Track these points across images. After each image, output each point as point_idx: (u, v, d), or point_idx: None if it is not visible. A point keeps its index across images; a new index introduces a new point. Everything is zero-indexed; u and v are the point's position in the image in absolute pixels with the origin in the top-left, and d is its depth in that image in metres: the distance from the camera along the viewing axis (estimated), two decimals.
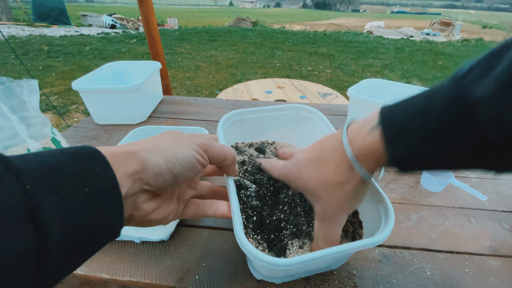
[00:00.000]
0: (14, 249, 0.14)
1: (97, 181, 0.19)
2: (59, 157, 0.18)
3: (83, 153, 0.19)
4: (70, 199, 0.17)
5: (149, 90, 0.96)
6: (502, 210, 0.59)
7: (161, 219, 0.27)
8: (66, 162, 0.18)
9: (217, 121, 0.93)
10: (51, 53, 5.18)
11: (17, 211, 0.14)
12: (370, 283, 0.43)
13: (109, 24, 8.91)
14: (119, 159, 0.21)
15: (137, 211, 0.23)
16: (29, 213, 0.15)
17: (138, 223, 0.25)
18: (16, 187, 0.15)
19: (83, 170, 0.18)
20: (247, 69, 4.83)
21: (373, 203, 0.37)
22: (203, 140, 0.28)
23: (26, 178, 0.15)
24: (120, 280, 0.44)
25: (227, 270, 0.44)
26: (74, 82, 0.83)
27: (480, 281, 0.44)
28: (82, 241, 0.18)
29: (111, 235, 0.21)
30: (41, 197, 0.16)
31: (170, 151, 0.25)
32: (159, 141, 0.26)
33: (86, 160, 0.19)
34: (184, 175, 0.26)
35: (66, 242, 0.16)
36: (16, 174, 0.15)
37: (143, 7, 1.21)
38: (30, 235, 0.15)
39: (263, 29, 10.27)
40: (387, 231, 0.31)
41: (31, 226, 0.15)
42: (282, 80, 2.90)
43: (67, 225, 0.16)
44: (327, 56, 5.96)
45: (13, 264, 0.14)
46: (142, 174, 0.22)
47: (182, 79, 4.21)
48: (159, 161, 0.24)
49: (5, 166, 0.15)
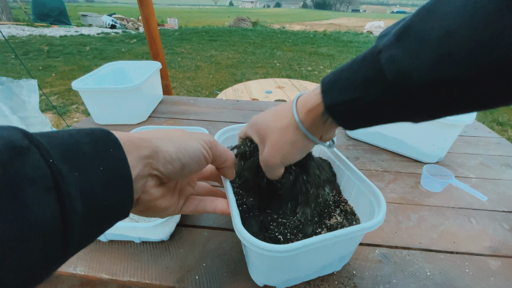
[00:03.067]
0: (45, 215, 0.15)
1: (111, 161, 0.20)
2: (77, 136, 0.19)
3: (98, 134, 0.20)
4: (88, 176, 0.18)
5: (149, 90, 0.96)
6: (502, 210, 0.59)
7: (164, 208, 0.28)
8: (83, 141, 0.19)
9: (217, 121, 0.93)
10: (51, 53, 5.18)
11: (44, 181, 0.15)
12: (370, 283, 0.43)
13: (109, 24, 8.91)
14: (132, 143, 0.23)
15: (145, 195, 0.25)
16: (53, 185, 0.16)
17: (144, 208, 0.26)
18: (41, 160, 0.16)
19: (98, 149, 0.19)
20: (247, 69, 4.82)
21: (366, 197, 0.39)
22: (210, 139, 0.31)
23: (48, 153, 0.16)
24: (120, 280, 0.44)
25: (227, 270, 0.44)
26: (74, 82, 0.83)
27: (480, 281, 0.44)
28: (98, 216, 0.19)
29: (122, 214, 0.22)
30: (62, 171, 0.16)
31: (181, 142, 0.27)
32: (171, 132, 0.28)
33: (101, 140, 0.20)
34: (190, 167, 0.28)
35: (85, 214, 0.17)
36: (40, 149, 0.16)
37: (143, 7, 1.21)
38: (57, 203, 0.16)
39: (263, 29, 10.28)
40: (382, 214, 0.34)
41: (55, 196, 0.16)
42: (282, 80, 2.90)
43: (86, 199, 0.18)
44: (327, 56, 5.96)
45: (44, 228, 0.15)
46: (153, 159, 0.24)
47: (182, 79, 4.21)
48: (170, 149, 0.26)
49: (29, 140, 0.16)
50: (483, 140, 0.86)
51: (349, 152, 0.78)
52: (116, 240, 0.50)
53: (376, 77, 0.23)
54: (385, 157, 0.76)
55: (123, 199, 0.21)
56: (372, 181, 0.58)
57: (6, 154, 0.14)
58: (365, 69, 0.24)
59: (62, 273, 0.45)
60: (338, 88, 0.26)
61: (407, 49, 0.21)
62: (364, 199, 0.40)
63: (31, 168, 0.15)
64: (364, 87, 0.24)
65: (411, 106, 0.23)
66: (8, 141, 0.15)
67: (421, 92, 0.21)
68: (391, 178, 0.68)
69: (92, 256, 0.47)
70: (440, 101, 0.21)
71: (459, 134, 0.75)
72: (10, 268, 0.14)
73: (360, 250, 0.48)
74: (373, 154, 0.77)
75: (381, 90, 0.23)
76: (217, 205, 0.34)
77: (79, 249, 0.19)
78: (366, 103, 0.24)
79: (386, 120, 0.26)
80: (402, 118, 0.25)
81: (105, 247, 0.48)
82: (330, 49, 6.75)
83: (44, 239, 0.15)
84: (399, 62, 0.21)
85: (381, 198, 0.37)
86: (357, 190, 0.42)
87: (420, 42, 0.20)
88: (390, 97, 0.23)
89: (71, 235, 0.17)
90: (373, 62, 0.23)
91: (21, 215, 0.14)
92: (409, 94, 0.22)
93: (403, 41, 0.21)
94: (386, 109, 0.24)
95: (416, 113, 0.24)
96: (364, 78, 0.24)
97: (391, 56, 0.22)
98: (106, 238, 0.49)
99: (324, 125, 0.29)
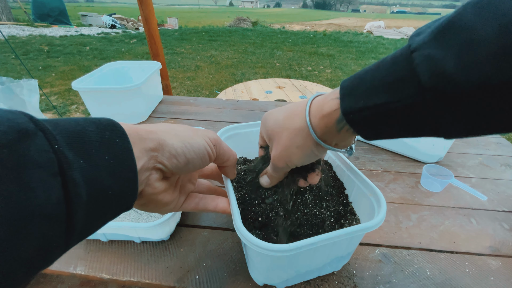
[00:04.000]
0: (49, 199, 0.15)
1: (116, 151, 0.20)
2: (83, 124, 0.19)
3: (104, 123, 0.20)
4: (94, 163, 0.18)
5: (149, 90, 0.96)
6: (502, 210, 0.59)
7: (165, 203, 0.28)
8: (90, 128, 0.19)
9: (217, 121, 0.93)
10: (51, 53, 5.18)
11: (49, 166, 0.15)
12: (370, 283, 0.43)
13: (109, 24, 8.90)
14: (138, 135, 0.22)
15: (148, 188, 0.25)
16: (58, 170, 0.15)
17: (146, 201, 0.26)
18: (46, 144, 0.15)
19: (105, 138, 0.19)
20: (247, 69, 4.82)
21: (367, 197, 0.39)
22: (215, 136, 0.31)
23: (54, 138, 0.16)
24: (120, 280, 0.44)
25: (227, 270, 0.44)
26: (74, 82, 0.83)
27: (480, 281, 0.44)
28: (102, 205, 0.19)
29: (125, 205, 0.21)
30: (68, 157, 0.16)
31: (186, 137, 0.27)
32: (177, 127, 0.28)
33: (107, 129, 0.20)
34: (194, 163, 0.27)
35: (89, 202, 0.17)
36: (46, 133, 0.16)
37: (143, 7, 1.21)
38: (61, 189, 0.15)
39: (263, 29, 10.27)
40: (382, 214, 0.34)
41: (60, 181, 0.15)
42: (282, 80, 2.90)
43: (90, 187, 0.17)
44: (327, 56, 5.96)
45: (47, 212, 0.15)
46: (158, 152, 0.24)
47: (182, 79, 4.21)
48: (175, 144, 0.25)
49: (35, 125, 0.16)
50: (483, 140, 0.86)
51: None
52: (116, 240, 0.50)
53: (407, 80, 0.20)
54: (385, 157, 0.76)
55: (127, 190, 0.21)
56: (372, 181, 0.58)
57: (12, 135, 0.14)
58: (394, 70, 0.21)
59: (62, 273, 0.45)
60: (359, 92, 0.23)
61: (449, 48, 0.18)
62: (364, 199, 0.40)
63: (37, 151, 0.15)
64: (391, 91, 0.21)
65: (447, 116, 0.19)
66: (15, 123, 0.15)
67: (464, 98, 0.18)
68: (391, 178, 0.68)
69: (92, 256, 0.47)
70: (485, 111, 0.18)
71: None
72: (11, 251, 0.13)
73: (360, 250, 0.48)
74: (373, 154, 0.77)
75: (412, 95, 0.20)
76: (218, 204, 0.34)
77: (81, 239, 0.19)
78: (391, 110, 0.21)
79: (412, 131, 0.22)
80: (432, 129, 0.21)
81: (105, 247, 0.48)
82: (330, 49, 6.75)
83: (47, 223, 0.15)
84: (437, 63, 0.18)
85: (381, 198, 0.37)
86: (357, 190, 0.42)
87: (468, 40, 0.17)
88: (422, 104, 0.19)
89: (75, 222, 0.16)
90: (405, 63, 0.20)
91: (25, 197, 0.14)
92: (447, 101, 0.18)
93: (444, 39, 0.18)
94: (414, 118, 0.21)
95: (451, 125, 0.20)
96: (393, 80, 0.21)
97: (428, 56, 0.18)
98: (106, 238, 0.49)
99: (339, 133, 0.26)
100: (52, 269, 0.45)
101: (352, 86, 0.24)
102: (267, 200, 0.39)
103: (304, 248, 0.30)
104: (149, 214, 0.52)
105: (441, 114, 0.19)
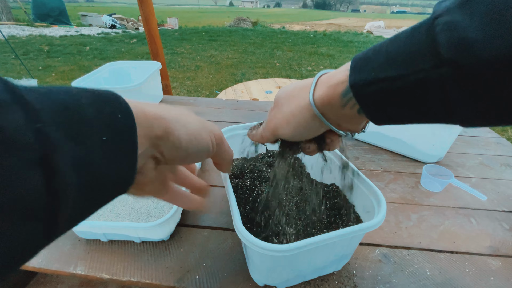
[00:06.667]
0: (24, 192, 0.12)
1: (117, 130, 0.17)
2: (78, 95, 0.15)
3: (104, 95, 0.17)
4: (88, 146, 0.15)
5: (149, 90, 0.96)
6: (502, 210, 0.59)
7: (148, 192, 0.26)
8: (86, 102, 0.15)
9: (217, 121, 0.93)
10: (51, 53, 5.18)
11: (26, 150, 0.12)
12: (370, 283, 0.43)
13: (109, 24, 8.90)
14: (146, 116, 0.20)
15: (140, 176, 0.22)
16: (39, 158, 0.12)
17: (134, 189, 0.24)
18: (22, 123, 0.12)
19: (104, 114, 0.16)
20: (247, 69, 4.82)
21: (367, 197, 0.39)
22: (220, 134, 0.29)
23: (37, 116, 0.13)
24: (120, 280, 0.44)
25: (227, 270, 0.44)
26: (74, 82, 0.83)
27: (480, 281, 0.44)
28: (93, 193, 0.16)
29: (119, 192, 0.19)
30: (54, 139, 0.13)
31: (195, 131, 0.25)
32: (187, 116, 0.25)
33: (108, 102, 0.17)
34: (193, 158, 0.26)
35: (79, 194, 0.15)
36: (25, 108, 0.12)
37: (143, 7, 1.21)
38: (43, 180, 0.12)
39: (263, 29, 10.27)
40: (382, 214, 0.35)
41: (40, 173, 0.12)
42: (282, 80, 2.90)
43: (82, 175, 0.14)
44: (327, 56, 5.96)
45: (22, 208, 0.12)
46: (162, 141, 0.22)
47: (182, 79, 4.21)
48: (182, 136, 0.23)
49: (12, 94, 0.12)
50: (483, 140, 0.86)
51: (349, 152, 0.78)
52: (116, 240, 0.50)
53: (424, 50, 0.18)
54: (385, 157, 0.76)
55: (124, 177, 0.18)
56: (372, 181, 0.58)
57: None
58: (412, 41, 0.19)
59: (62, 273, 0.45)
60: (371, 65, 0.21)
61: (475, 15, 0.16)
62: (364, 199, 0.40)
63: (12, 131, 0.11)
64: (405, 64, 0.19)
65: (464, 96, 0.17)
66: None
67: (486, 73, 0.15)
68: (391, 178, 0.68)
69: (92, 256, 0.47)
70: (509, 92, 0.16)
71: (459, 134, 0.75)
72: None
73: (360, 250, 0.48)
74: (373, 154, 0.77)
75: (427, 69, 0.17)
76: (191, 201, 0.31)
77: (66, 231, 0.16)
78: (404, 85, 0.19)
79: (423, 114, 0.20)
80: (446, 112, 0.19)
81: (105, 247, 0.48)
82: (330, 49, 6.75)
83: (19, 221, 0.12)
84: (460, 31, 0.16)
85: (381, 198, 0.37)
86: (357, 190, 0.42)
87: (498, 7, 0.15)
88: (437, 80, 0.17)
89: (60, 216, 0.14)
90: (425, 32, 0.18)
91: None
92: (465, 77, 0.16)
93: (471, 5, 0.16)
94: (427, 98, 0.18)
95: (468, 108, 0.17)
96: (409, 51, 0.19)
97: (451, 22, 0.16)
98: (106, 238, 0.49)
99: (343, 109, 0.24)
100: (52, 269, 0.45)
101: (364, 58, 0.22)
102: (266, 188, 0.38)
103: (304, 248, 0.30)
104: (148, 214, 0.52)
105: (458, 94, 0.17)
